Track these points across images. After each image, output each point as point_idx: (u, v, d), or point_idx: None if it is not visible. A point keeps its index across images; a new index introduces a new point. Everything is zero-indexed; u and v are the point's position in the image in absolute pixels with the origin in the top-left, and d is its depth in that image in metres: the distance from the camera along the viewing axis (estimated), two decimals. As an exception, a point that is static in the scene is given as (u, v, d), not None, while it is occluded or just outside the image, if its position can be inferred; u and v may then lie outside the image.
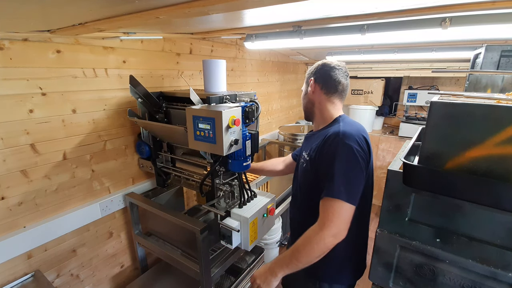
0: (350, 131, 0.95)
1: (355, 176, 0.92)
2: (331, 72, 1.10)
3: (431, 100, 0.85)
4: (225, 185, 1.29)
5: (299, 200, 1.18)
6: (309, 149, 1.09)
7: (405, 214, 0.99)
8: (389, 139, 3.24)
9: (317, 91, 1.12)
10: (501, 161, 0.75)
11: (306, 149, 1.12)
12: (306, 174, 1.09)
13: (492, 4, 0.79)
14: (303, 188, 1.14)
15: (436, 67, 3.01)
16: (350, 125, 1.01)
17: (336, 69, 1.09)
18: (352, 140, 0.93)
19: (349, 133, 0.95)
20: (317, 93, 1.12)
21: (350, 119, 1.09)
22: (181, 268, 1.44)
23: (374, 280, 1.12)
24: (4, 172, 1.13)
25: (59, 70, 1.23)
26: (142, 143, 1.56)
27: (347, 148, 0.92)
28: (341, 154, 0.92)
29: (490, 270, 0.85)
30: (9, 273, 1.20)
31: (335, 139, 0.95)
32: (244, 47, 2.37)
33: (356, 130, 0.99)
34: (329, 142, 0.96)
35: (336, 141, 0.94)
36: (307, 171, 1.08)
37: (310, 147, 1.08)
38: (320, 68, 1.12)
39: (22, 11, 0.76)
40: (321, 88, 1.11)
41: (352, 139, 0.94)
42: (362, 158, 0.93)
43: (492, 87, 1.51)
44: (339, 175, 0.90)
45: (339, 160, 0.91)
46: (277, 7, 0.84)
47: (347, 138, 0.93)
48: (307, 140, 1.20)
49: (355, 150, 0.92)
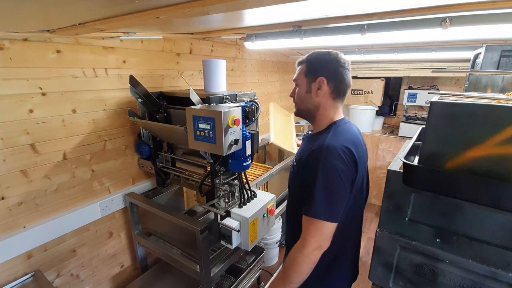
0: (334, 145, 0.88)
1: (336, 195, 0.89)
2: (344, 73, 0.96)
3: (431, 100, 0.85)
4: (225, 185, 1.29)
5: (290, 200, 1.17)
6: (301, 154, 1.04)
7: (405, 214, 0.99)
8: (389, 139, 3.24)
9: (326, 94, 0.97)
10: (501, 161, 0.75)
11: (299, 152, 1.08)
12: (293, 180, 1.07)
13: (492, 4, 0.79)
14: (291, 189, 1.13)
15: (436, 67, 3.00)
16: (339, 135, 0.93)
17: (348, 69, 0.98)
18: (335, 156, 0.87)
19: (333, 148, 0.88)
20: (326, 96, 0.97)
21: (345, 126, 0.99)
22: (181, 268, 1.44)
23: (374, 280, 1.12)
24: (4, 172, 1.13)
25: (59, 70, 1.23)
26: (142, 143, 1.56)
27: (329, 167, 0.87)
28: (323, 173, 0.87)
29: (490, 270, 0.85)
30: (9, 273, 1.20)
31: (318, 155, 0.89)
32: (244, 47, 2.37)
33: (344, 141, 0.91)
34: (313, 157, 0.91)
35: (318, 158, 0.88)
36: (294, 177, 1.06)
37: (302, 153, 1.03)
38: (333, 64, 0.96)
39: (22, 11, 0.76)
40: (332, 91, 0.97)
41: (335, 155, 0.87)
42: (345, 175, 0.88)
43: (492, 87, 1.51)
44: (319, 195, 0.87)
45: (320, 180, 0.87)
46: (277, 7, 0.84)
47: (330, 154, 0.87)
48: (303, 143, 1.15)
49: (338, 169, 0.86)
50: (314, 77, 0.97)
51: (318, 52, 1.00)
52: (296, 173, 1.03)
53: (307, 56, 1.01)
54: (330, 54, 0.98)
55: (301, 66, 1.02)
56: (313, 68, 0.98)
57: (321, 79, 0.96)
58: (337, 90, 0.98)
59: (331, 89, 0.97)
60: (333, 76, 0.96)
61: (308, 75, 0.99)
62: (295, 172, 1.04)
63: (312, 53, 1.01)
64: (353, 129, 1.01)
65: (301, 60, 1.03)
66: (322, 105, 0.99)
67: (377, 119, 3.54)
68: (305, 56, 1.02)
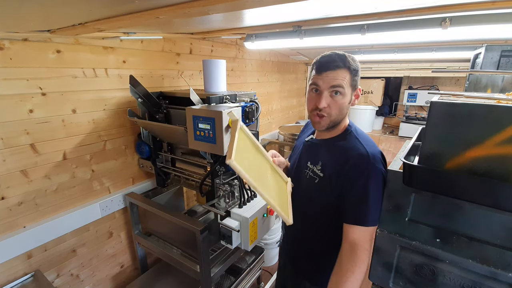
0: (375, 153, 0.92)
1: (381, 199, 0.92)
2: None
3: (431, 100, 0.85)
4: (225, 185, 1.29)
5: (309, 216, 1.09)
6: (319, 162, 1.01)
7: (405, 214, 0.99)
8: (389, 139, 3.23)
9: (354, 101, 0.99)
10: (501, 161, 0.75)
11: (314, 160, 1.03)
12: (322, 194, 1.00)
13: (492, 4, 0.79)
14: (315, 205, 1.05)
15: (436, 67, 3.00)
16: (368, 140, 0.96)
17: None
18: (380, 163, 0.91)
19: (377, 156, 0.92)
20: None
21: (358, 128, 1.02)
22: (181, 268, 1.44)
23: (374, 280, 1.12)
24: (4, 172, 1.13)
25: (59, 70, 1.23)
26: (142, 143, 1.56)
27: (379, 176, 0.89)
28: (375, 183, 0.89)
29: (490, 270, 0.84)
30: (9, 273, 1.20)
31: (365, 165, 0.90)
32: (244, 47, 2.37)
33: (376, 146, 0.96)
34: (356, 167, 0.90)
35: (365, 167, 0.90)
36: (323, 190, 0.99)
37: (321, 161, 1.00)
38: (359, 70, 0.96)
39: (22, 11, 0.76)
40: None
41: (379, 162, 0.91)
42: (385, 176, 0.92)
43: (492, 87, 1.51)
44: (373, 204, 0.89)
45: (374, 189, 0.89)
46: (277, 7, 0.84)
47: (377, 162, 0.90)
48: (310, 149, 1.08)
49: (384, 174, 0.90)
50: (353, 87, 0.95)
51: (347, 55, 0.93)
52: (331, 186, 0.97)
53: (348, 60, 0.91)
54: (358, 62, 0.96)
55: (343, 72, 0.91)
56: (357, 77, 0.94)
57: (360, 89, 0.97)
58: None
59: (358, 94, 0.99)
60: (358, 81, 0.97)
61: (353, 84, 0.94)
62: (328, 185, 0.98)
63: (342, 55, 0.92)
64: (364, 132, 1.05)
65: (338, 65, 0.90)
66: (346, 111, 0.98)
67: (377, 119, 3.54)
68: (340, 59, 0.91)
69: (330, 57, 0.91)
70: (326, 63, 0.90)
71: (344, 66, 0.91)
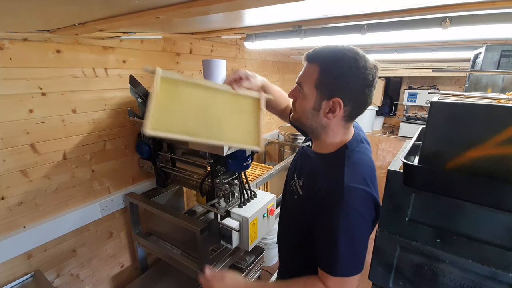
0: (355, 187, 0.72)
1: (361, 244, 0.75)
2: (369, 94, 0.73)
3: (431, 100, 0.85)
4: (225, 185, 1.29)
5: (288, 230, 0.98)
6: (302, 178, 0.87)
7: (405, 214, 0.99)
8: (389, 139, 3.23)
9: (338, 117, 0.75)
10: (501, 161, 0.75)
11: (299, 174, 0.90)
12: (299, 212, 0.86)
13: (492, 4, 0.79)
14: (294, 218, 0.92)
15: (436, 67, 3.00)
16: (356, 170, 0.76)
17: (375, 85, 0.74)
18: (357, 200, 0.72)
19: (355, 191, 0.72)
20: (337, 118, 0.75)
21: (359, 153, 0.80)
22: (181, 268, 1.44)
23: (374, 280, 1.12)
24: (4, 172, 1.13)
25: (59, 70, 1.23)
26: (142, 143, 1.56)
27: (352, 215, 0.71)
28: (346, 223, 0.71)
29: (490, 270, 0.84)
30: (9, 273, 1.20)
31: (336, 198, 0.72)
32: (244, 47, 2.37)
33: (363, 180, 0.75)
34: (328, 198, 0.74)
35: (336, 202, 0.71)
36: (300, 208, 0.86)
37: (303, 178, 0.87)
38: (358, 81, 0.71)
39: (22, 11, 0.76)
40: (346, 115, 0.76)
41: (358, 200, 0.72)
42: (369, 219, 0.75)
43: (492, 87, 1.51)
44: (344, 250, 0.71)
45: (343, 231, 0.70)
46: (277, 7, 0.84)
47: (352, 198, 0.71)
48: (302, 158, 0.93)
49: (362, 214, 0.73)
50: (328, 96, 0.72)
51: (337, 51, 0.71)
52: (301, 204, 0.85)
53: (322, 54, 0.73)
54: (356, 61, 0.69)
55: (311, 68, 0.73)
56: (329, 82, 0.72)
57: (338, 101, 0.72)
58: (353, 114, 0.76)
59: (346, 112, 0.74)
60: (353, 98, 0.72)
61: (321, 89, 0.73)
62: (299, 202, 0.86)
63: (329, 49, 0.72)
64: (368, 154, 0.83)
65: (312, 57, 0.74)
66: (330, 127, 0.78)
67: (377, 119, 3.54)
68: (319, 52, 0.73)
69: (316, 48, 0.75)
70: (308, 53, 0.75)
71: (314, 61, 0.73)
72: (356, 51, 0.70)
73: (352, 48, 0.71)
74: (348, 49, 0.71)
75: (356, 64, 0.69)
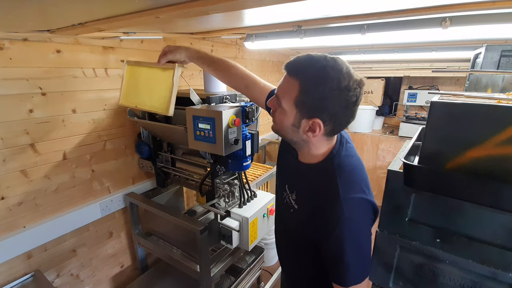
0: (353, 198, 0.71)
1: (367, 251, 0.75)
2: (352, 113, 0.69)
3: (431, 100, 0.85)
4: (225, 185, 1.29)
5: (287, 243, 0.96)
6: (294, 192, 0.84)
7: (405, 214, 0.99)
8: (389, 139, 3.23)
9: (319, 135, 0.72)
10: (501, 161, 0.75)
11: (290, 186, 0.87)
12: (299, 224, 0.84)
13: (492, 4, 0.79)
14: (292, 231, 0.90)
15: (436, 67, 3.00)
16: (351, 179, 0.74)
17: (358, 104, 0.69)
18: (357, 209, 0.71)
19: (353, 198, 0.71)
20: (318, 136, 0.72)
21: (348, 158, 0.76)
22: (181, 268, 1.44)
23: (374, 280, 1.12)
24: (4, 172, 1.13)
25: (59, 70, 1.23)
26: (142, 143, 1.56)
27: (356, 227, 0.71)
28: (351, 236, 0.70)
29: (490, 270, 0.85)
30: (9, 273, 1.20)
31: (335, 213, 0.70)
32: (244, 47, 2.37)
33: (359, 188, 0.73)
34: (332, 219, 0.71)
35: (338, 218, 0.70)
36: (299, 221, 0.83)
37: (295, 191, 0.84)
38: (340, 102, 0.66)
39: (22, 11, 0.76)
40: (327, 133, 0.72)
41: (357, 208, 0.71)
42: (370, 226, 0.75)
43: (492, 87, 1.51)
44: (352, 262, 0.71)
45: (349, 244, 0.70)
46: (277, 7, 0.84)
47: (351, 208, 0.70)
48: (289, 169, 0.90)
49: (364, 223, 0.73)
50: (308, 116, 0.69)
51: (321, 69, 0.65)
52: (300, 217, 0.83)
53: (304, 70, 0.67)
54: (339, 81, 0.63)
55: (291, 82, 0.69)
56: (309, 102, 0.67)
57: (318, 122, 0.68)
58: (335, 130, 0.73)
59: (327, 131, 0.71)
60: (334, 118, 0.68)
61: (300, 107, 0.69)
62: (298, 215, 0.84)
63: (312, 65, 0.66)
64: (355, 155, 0.80)
65: (293, 70, 0.70)
66: (312, 143, 0.75)
67: (377, 119, 3.54)
68: (301, 67, 0.68)
69: (298, 59, 0.69)
70: (288, 63, 0.71)
71: (295, 75, 0.68)
72: (340, 68, 0.64)
73: (336, 65, 0.65)
74: (332, 66, 0.64)
75: (339, 85, 0.63)
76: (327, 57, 0.66)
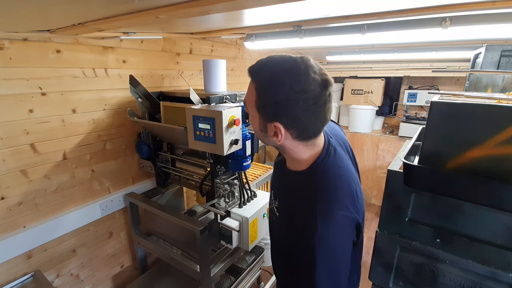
0: (332, 213, 0.64)
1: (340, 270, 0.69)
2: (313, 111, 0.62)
3: (431, 100, 0.85)
4: (225, 185, 1.29)
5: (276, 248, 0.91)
6: (277, 199, 0.81)
7: (405, 214, 0.99)
8: (389, 139, 3.23)
9: (289, 139, 0.67)
10: (501, 161, 0.75)
11: (275, 193, 0.84)
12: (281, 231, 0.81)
13: (492, 4, 0.79)
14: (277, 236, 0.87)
15: (436, 67, 3.00)
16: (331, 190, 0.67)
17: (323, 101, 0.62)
18: (334, 229, 0.65)
19: (332, 216, 0.64)
20: (288, 140, 0.68)
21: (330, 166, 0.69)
22: (181, 268, 1.44)
23: (374, 280, 1.12)
24: (4, 172, 1.13)
25: (59, 70, 1.23)
26: (142, 143, 1.56)
27: (330, 245, 0.64)
28: (323, 254, 0.63)
29: (490, 270, 0.85)
30: (9, 273, 1.20)
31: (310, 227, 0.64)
32: (244, 47, 2.37)
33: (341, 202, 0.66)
34: (302, 230, 0.67)
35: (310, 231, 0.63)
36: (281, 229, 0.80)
37: (278, 198, 0.81)
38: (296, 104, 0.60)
39: (22, 11, 0.76)
40: (297, 136, 0.67)
41: (334, 228, 0.65)
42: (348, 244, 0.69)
43: (492, 86, 1.51)
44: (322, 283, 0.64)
45: (320, 263, 0.64)
46: (277, 7, 0.84)
47: (327, 226, 0.63)
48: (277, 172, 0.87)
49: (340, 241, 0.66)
50: (269, 119, 0.65)
51: (274, 74, 0.62)
52: (281, 224, 0.80)
53: (259, 74, 0.66)
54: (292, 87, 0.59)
55: (251, 86, 0.67)
56: (266, 106, 0.64)
57: (278, 126, 0.64)
58: (305, 135, 0.67)
59: (294, 135, 0.66)
60: (296, 122, 0.63)
61: (261, 111, 0.66)
62: (279, 222, 0.80)
63: (267, 68, 0.65)
64: (343, 163, 0.72)
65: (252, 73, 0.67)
66: (288, 147, 0.70)
67: (377, 119, 3.54)
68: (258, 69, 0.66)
69: (258, 62, 0.67)
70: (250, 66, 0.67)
71: (253, 78, 0.66)
72: (296, 71, 0.60)
73: (293, 68, 0.60)
74: (288, 69, 0.60)
75: (294, 89, 0.59)
76: (287, 59, 0.62)
